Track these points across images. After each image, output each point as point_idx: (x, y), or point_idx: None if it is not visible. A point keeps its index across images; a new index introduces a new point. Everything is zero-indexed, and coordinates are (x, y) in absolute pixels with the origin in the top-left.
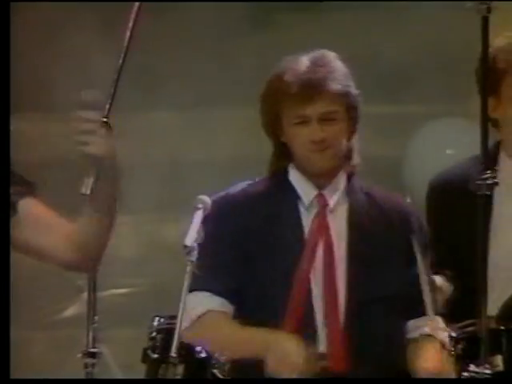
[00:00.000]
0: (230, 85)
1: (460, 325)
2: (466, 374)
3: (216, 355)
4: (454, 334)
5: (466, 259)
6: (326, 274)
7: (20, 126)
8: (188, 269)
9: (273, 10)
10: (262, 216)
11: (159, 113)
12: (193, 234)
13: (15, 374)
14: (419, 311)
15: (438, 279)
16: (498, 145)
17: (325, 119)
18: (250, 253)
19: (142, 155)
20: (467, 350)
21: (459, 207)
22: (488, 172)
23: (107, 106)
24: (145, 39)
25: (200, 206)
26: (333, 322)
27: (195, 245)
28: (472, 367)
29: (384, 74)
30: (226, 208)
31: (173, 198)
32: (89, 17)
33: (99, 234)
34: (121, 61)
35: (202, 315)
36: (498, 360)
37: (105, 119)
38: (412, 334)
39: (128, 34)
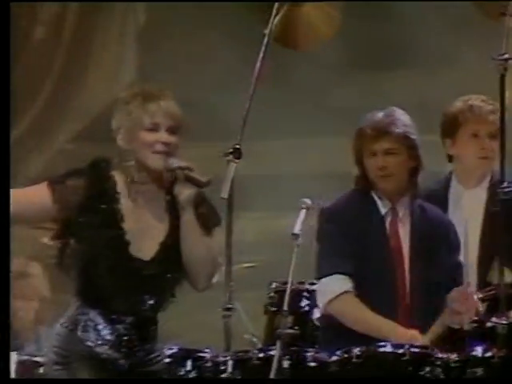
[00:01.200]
0: (324, 121)
1: (486, 289)
2: (489, 323)
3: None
4: (481, 296)
5: None
6: (398, 265)
7: None
8: (295, 250)
9: (356, 68)
10: (360, 220)
11: (276, 140)
12: (299, 226)
13: (171, 329)
14: (456, 285)
15: None
16: (450, 173)
17: (388, 153)
18: (358, 248)
19: (264, 170)
20: (491, 307)
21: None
22: (505, 184)
23: (239, 137)
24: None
25: (304, 206)
26: (401, 294)
27: (300, 233)
28: (494, 319)
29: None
30: (340, 213)
31: (283, 201)
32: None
33: None
34: (247, 106)
35: (342, 294)
36: None
37: (237, 146)
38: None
39: (255, 80)
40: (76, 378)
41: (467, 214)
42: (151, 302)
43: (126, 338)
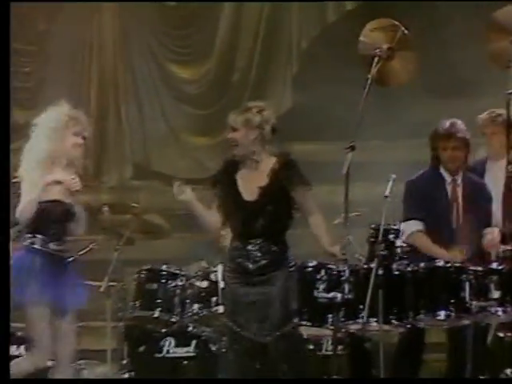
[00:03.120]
0: (404, 128)
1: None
2: (501, 249)
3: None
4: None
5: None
6: (457, 209)
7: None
8: (385, 205)
9: (428, 95)
10: (431, 184)
11: (376, 140)
12: (388, 190)
13: (311, 254)
14: (488, 225)
15: None
16: (486, 157)
17: (454, 148)
18: (428, 203)
19: (368, 158)
20: (503, 240)
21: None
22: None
23: (353, 138)
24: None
25: (391, 179)
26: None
27: (389, 195)
28: (503, 247)
29: None
30: (417, 181)
31: (379, 176)
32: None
33: None
34: (359, 119)
35: (414, 232)
36: None
37: (352, 143)
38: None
39: (362, 103)
40: (227, 283)
41: (498, 176)
42: (263, 223)
43: (256, 253)
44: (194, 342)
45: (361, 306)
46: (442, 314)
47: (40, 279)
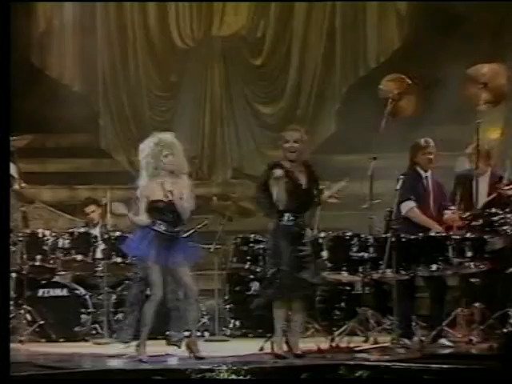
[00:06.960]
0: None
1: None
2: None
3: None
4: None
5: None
6: (428, 196)
7: None
8: (396, 195)
9: (430, 122)
10: (414, 178)
11: (392, 153)
12: (398, 186)
13: (351, 226)
14: (446, 208)
15: None
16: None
17: (430, 153)
18: (416, 189)
19: (384, 164)
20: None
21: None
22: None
23: (374, 152)
24: None
25: (400, 178)
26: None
27: (399, 188)
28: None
29: None
30: (407, 178)
31: (393, 174)
32: None
33: None
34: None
35: (410, 209)
36: None
37: (375, 156)
38: None
39: (382, 129)
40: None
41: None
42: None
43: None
44: None
45: (380, 262)
46: (433, 267)
47: (153, 250)
